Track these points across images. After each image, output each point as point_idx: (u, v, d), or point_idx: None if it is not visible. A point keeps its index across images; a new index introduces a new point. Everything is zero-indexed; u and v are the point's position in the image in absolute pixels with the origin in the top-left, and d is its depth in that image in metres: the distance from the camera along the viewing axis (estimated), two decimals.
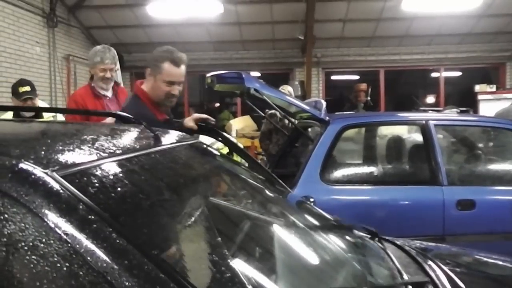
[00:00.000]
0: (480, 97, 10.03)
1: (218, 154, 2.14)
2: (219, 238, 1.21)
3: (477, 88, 10.21)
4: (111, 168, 1.17)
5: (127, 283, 0.88)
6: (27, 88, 4.08)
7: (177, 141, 1.76)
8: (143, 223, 1.06)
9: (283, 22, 9.82)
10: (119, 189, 1.11)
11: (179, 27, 9.88)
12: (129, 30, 10.29)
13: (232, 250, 1.19)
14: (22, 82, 4.21)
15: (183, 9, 8.95)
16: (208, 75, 3.98)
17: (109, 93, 3.70)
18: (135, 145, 1.43)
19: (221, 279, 1.04)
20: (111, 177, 1.13)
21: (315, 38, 9.67)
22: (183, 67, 2.72)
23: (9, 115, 3.98)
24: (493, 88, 10.22)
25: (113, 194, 1.08)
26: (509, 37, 10.50)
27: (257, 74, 10.74)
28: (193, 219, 1.22)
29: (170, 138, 1.78)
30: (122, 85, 4.64)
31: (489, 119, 4.61)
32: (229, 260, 1.11)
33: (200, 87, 13.86)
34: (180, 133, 2.14)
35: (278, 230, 1.66)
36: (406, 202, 3.57)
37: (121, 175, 1.18)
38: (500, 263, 2.30)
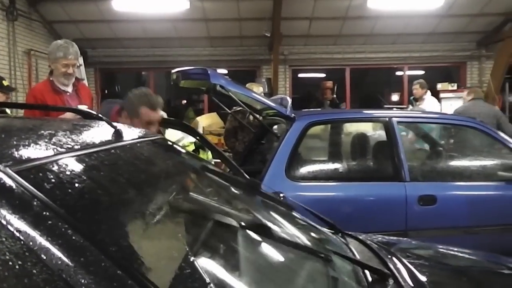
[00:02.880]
0: (442, 95, 10.28)
1: (183, 151, 2.12)
2: (180, 235, 1.20)
3: (439, 86, 10.46)
4: (68, 163, 1.14)
5: (83, 281, 0.86)
6: None
7: (139, 137, 1.73)
8: (101, 219, 1.04)
9: (250, 19, 9.82)
10: (76, 185, 1.08)
11: (145, 22, 9.74)
12: (93, 25, 10.08)
13: (193, 247, 1.18)
14: None
15: (149, 4, 8.83)
16: (173, 71, 3.94)
17: (69, 89, 3.61)
18: (95, 141, 1.40)
19: (181, 276, 1.03)
20: (68, 172, 1.10)
21: (282, 35, 9.71)
22: (159, 110, 2.79)
23: None
24: (454, 86, 10.50)
25: (70, 190, 1.05)
26: (470, 37, 10.81)
27: (224, 71, 10.71)
28: (153, 216, 1.20)
29: (132, 134, 1.75)
30: (85, 81, 4.55)
31: (450, 116, 4.74)
32: (189, 257, 1.09)
33: (166, 84, 13.72)
34: (143, 129, 2.11)
35: (242, 227, 1.66)
36: (370, 198, 3.64)
37: (79, 170, 1.15)
38: (460, 255, 2.37)
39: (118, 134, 1.54)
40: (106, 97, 12.84)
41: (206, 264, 1.16)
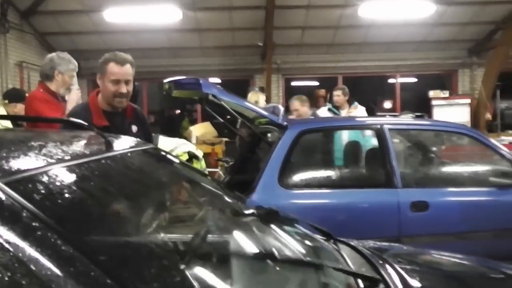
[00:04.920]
0: (434, 102, 10.37)
1: (175, 160, 2.13)
2: (170, 244, 1.21)
3: (431, 94, 10.55)
4: (58, 174, 1.15)
5: None
6: None
7: (130, 147, 1.74)
8: (90, 229, 1.05)
9: (242, 29, 9.88)
10: (66, 195, 1.09)
11: (137, 33, 9.77)
12: (86, 37, 10.10)
13: (184, 256, 1.19)
14: None
15: (141, 15, 8.86)
16: (165, 81, 3.96)
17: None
18: (85, 151, 1.41)
19: (171, 285, 1.04)
20: (58, 183, 1.11)
21: (275, 45, 9.77)
22: (127, 66, 2.79)
23: None
24: (446, 94, 10.60)
25: (60, 201, 1.06)
26: (461, 45, 10.91)
27: (218, 80, 10.74)
28: (143, 225, 1.21)
29: (123, 144, 1.76)
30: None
31: (441, 123, 4.78)
32: (180, 267, 1.10)
33: (160, 94, 13.70)
34: (136, 139, 2.12)
35: (234, 237, 1.66)
36: (363, 205, 3.65)
37: (68, 181, 1.16)
38: (452, 260, 2.38)
39: (109, 145, 1.55)
40: None
41: (197, 274, 1.17)
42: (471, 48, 10.98)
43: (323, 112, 6.21)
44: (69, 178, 1.18)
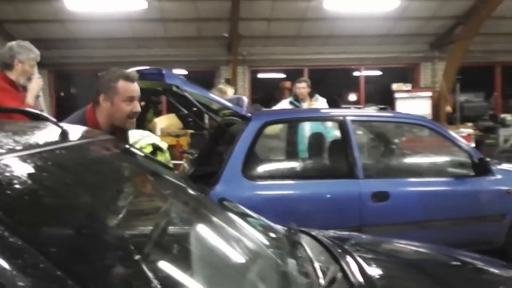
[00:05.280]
0: (397, 95, 10.57)
1: (137, 152, 2.10)
2: (126, 236, 1.19)
3: (394, 86, 10.75)
4: (8, 164, 1.11)
5: (21, 283, 0.84)
6: None
7: (88, 138, 1.71)
8: (41, 221, 1.02)
9: (208, 20, 9.79)
10: (16, 186, 1.06)
11: (100, 22, 9.54)
12: (47, 25, 9.80)
13: (138, 248, 1.17)
14: None
15: (104, 3, 8.66)
16: (127, 71, 3.88)
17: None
18: (39, 141, 1.37)
19: (124, 276, 1.03)
20: (7, 174, 1.08)
21: (241, 36, 9.73)
22: (136, 83, 2.61)
23: None
24: (409, 87, 10.82)
25: (8, 192, 1.03)
26: (423, 39, 11.14)
27: (183, 72, 10.63)
28: (98, 217, 1.19)
29: (81, 134, 1.72)
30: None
31: (401, 115, 4.88)
32: (135, 257, 1.09)
33: None
34: (96, 130, 2.08)
35: (193, 229, 1.66)
36: (325, 196, 3.69)
37: (19, 171, 1.13)
38: (411, 248, 2.44)
39: (64, 135, 1.51)
40: (62, 100, 12.52)
41: (153, 265, 1.16)
42: (433, 42, 11.22)
43: (284, 105, 6.19)
44: (20, 168, 1.14)
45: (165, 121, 9.17)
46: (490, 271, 2.25)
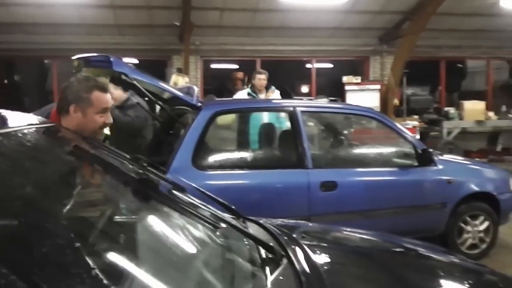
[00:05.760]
0: (347, 87, 10.79)
1: (78, 138, 2.04)
2: (66, 224, 1.16)
3: (345, 79, 10.97)
4: None
5: None
6: None
7: (28, 124, 1.65)
8: None
9: (159, 8, 9.61)
10: None
11: (46, 7, 9.17)
12: None
13: (82, 235, 1.15)
14: None
15: None
16: (74, 57, 3.76)
17: None
18: None
19: (65, 264, 1.00)
20: None
21: (193, 25, 9.62)
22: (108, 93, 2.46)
23: None
24: (358, 79, 11.07)
25: None
26: (373, 33, 11.40)
27: (135, 60, 10.41)
28: (34, 208, 1.15)
29: (20, 120, 1.65)
30: None
31: (349, 106, 4.98)
32: (75, 245, 1.07)
33: (72, 74, 13.05)
34: (39, 117, 2.00)
35: (138, 218, 1.64)
36: (275, 185, 3.73)
37: None
38: (357, 236, 2.51)
39: (2, 121, 1.46)
40: (6, 87, 11.98)
41: (95, 253, 1.14)
42: (381, 36, 11.51)
43: (243, 95, 6.22)
44: None
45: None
46: (432, 256, 2.34)
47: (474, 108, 10.72)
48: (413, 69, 10.87)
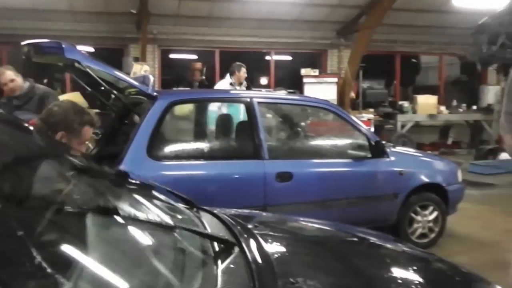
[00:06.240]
0: (305, 80, 10.89)
1: (31, 129, 1.98)
2: (10, 212, 1.13)
3: (303, 71, 11.07)
4: None
5: None
6: None
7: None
8: None
9: None
10: None
11: None
12: None
13: (19, 224, 1.12)
14: None
15: None
16: (23, 43, 3.63)
17: None
18: None
19: (4, 253, 0.98)
20: None
21: (150, 14, 9.45)
22: None
23: None
24: (316, 72, 11.19)
25: None
26: (331, 26, 11.54)
27: (90, 49, 10.14)
28: None
29: None
30: None
31: (305, 98, 5.04)
32: (17, 233, 1.04)
33: (23, 61, 12.55)
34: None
35: (85, 208, 1.60)
36: (231, 176, 3.74)
37: None
38: (311, 225, 2.54)
39: None
40: None
41: (36, 242, 1.11)
42: (339, 30, 11.67)
43: (225, 85, 6.46)
44: None
45: (69, 99, 8.70)
46: (383, 245, 2.41)
47: (426, 102, 11.05)
48: (369, 63, 11.09)
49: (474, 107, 11.74)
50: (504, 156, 7.89)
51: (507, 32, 6.80)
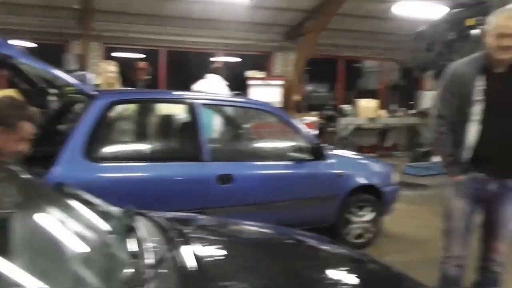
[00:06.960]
0: (251, 82, 10.95)
1: None
2: None
3: (249, 74, 11.12)
4: None
5: None
6: None
7: None
8: None
9: None
10: None
11: None
12: None
13: None
14: None
15: None
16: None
17: None
18: None
19: None
20: None
21: (94, 9, 9.19)
22: None
23: None
24: (262, 74, 11.28)
25: None
26: (278, 29, 11.66)
27: (31, 44, 9.70)
28: None
29: None
30: None
31: (247, 100, 5.08)
32: None
33: None
34: None
35: (17, 213, 1.56)
36: (172, 178, 3.70)
37: None
38: (251, 228, 2.57)
39: None
40: None
41: None
42: (286, 33, 11.81)
43: (219, 85, 6.35)
44: None
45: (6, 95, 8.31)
46: (319, 247, 2.48)
47: (367, 106, 11.39)
48: (314, 67, 11.29)
49: (413, 111, 12.20)
50: (436, 158, 8.24)
51: (443, 40, 7.13)
